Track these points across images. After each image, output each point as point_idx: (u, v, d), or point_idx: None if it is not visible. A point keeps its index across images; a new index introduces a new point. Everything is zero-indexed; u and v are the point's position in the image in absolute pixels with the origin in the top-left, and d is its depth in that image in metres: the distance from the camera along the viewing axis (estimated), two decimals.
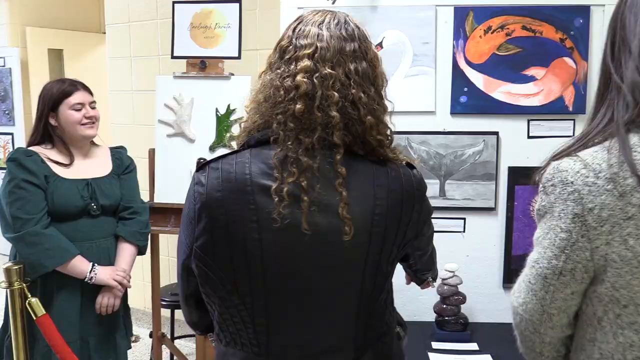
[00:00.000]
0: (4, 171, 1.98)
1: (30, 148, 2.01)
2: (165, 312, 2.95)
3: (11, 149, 5.23)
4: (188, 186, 1.06)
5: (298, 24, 1.06)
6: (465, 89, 2.12)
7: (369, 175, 1.02)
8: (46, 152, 2.01)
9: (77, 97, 2.03)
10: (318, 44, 1.00)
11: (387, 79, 1.10)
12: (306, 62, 0.99)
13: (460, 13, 2.10)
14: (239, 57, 2.48)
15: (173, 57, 2.55)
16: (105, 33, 3.83)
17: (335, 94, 0.98)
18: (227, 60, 2.49)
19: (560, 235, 0.88)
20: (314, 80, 0.99)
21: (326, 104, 0.98)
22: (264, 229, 0.99)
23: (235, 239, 1.00)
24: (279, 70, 1.03)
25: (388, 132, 1.07)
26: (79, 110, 2.03)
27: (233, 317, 1.05)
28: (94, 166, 2.10)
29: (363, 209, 1.00)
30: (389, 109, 1.09)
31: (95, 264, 2.00)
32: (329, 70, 0.99)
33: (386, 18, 2.14)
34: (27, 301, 1.86)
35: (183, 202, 2.71)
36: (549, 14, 2.07)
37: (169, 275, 3.50)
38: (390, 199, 1.02)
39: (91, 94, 2.10)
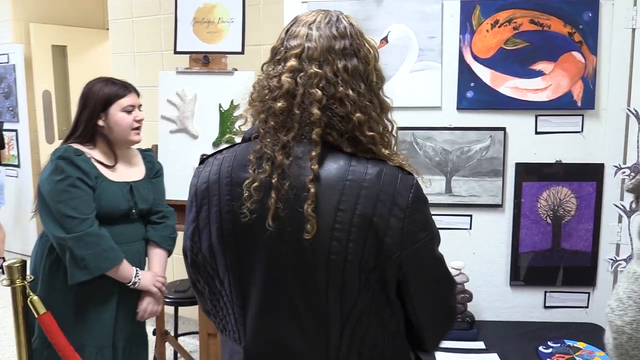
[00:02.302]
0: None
1: (75, 147, 1.93)
2: (169, 310, 2.94)
3: (15, 146, 5.23)
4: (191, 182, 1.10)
5: (291, 25, 1.08)
6: (472, 84, 2.09)
7: (343, 170, 0.98)
8: (90, 152, 1.95)
9: (129, 99, 1.99)
10: (306, 44, 1.01)
11: (383, 76, 1.08)
12: (292, 62, 1.01)
13: (467, 7, 2.07)
14: (242, 52, 2.46)
15: (176, 52, 2.53)
16: (108, 29, 3.81)
17: (318, 91, 0.99)
18: (231, 56, 2.47)
19: None
20: (297, 79, 1.00)
21: (308, 101, 0.99)
22: (236, 221, 1.02)
23: (214, 227, 1.05)
24: (268, 71, 1.06)
25: (381, 129, 1.05)
26: (130, 112, 1.98)
27: (219, 302, 1.10)
28: (133, 169, 2.07)
29: (328, 204, 0.97)
30: (389, 106, 1.07)
31: (139, 269, 1.98)
32: (315, 69, 1.00)
33: (391, 12, 2.11)
34: (28, 299, 1.84)
35: (186, 199, 2.70)
36: (557, 8, 2.04)
37: (173, 272, 3.49)
38: (361, 196, 0.96)
39: (139, 95, 2.06)
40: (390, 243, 0.97)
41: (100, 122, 1.95)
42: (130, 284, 1.95)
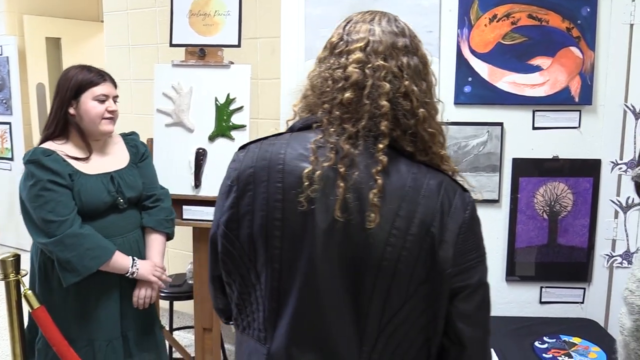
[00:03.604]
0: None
1: (45, 147, 1.88)
2: (163, 304, 2.93)
3: (9, 139, 5.19)
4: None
5: (347, 22, 1.07)
6: (470, 79, 2.08)
7: (404, 176, 0.97)
8: (62, 149, 1.89)
9: (103, 88, 1.92)
10: (370, 38, 1.01)
11: (436, 78, 1.08)
12: (358, 54, 1.00)
13: (465, 1, 2.06)
14: (238, 45, 2.43)
15: (171, 45, 2.50)
16: (103, 21, 3.78)
17: (387, 84, 0.97)
18: (227, 49, 2.45)
19: None
20: (366, 70, 0.99)
21: (376, 93, 0.97)
22: (287, 211, 0.98)
23: (259, 215, 1.01)
24: (328, 63, 1.03)
25: (437, 128, 1.04)
26: (103, 102, 1.91)
27: (250, 297, 1.05)
28: (112, 158, 2.01)
29: (388, 209, 0.94)
30: (438, 110, 1.07)
31: (136, 258, 1.95)
32: (381, 62, 0.99)
33: (389, 6, 2.07)
34: (23, 293, 1.83)
35: (181, 192, 2.69)
36: (555, 3, 2.03)
37: (168, 266, 3.48)
38: (420, 205, 0.95)
39: (116, 86, 2.00)
40: (444, 257, 0.95)
41: (71, 110, 1.89)
42: (129, 274, 1.92)
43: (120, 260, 1.90)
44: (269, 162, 1.01)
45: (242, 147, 1.09)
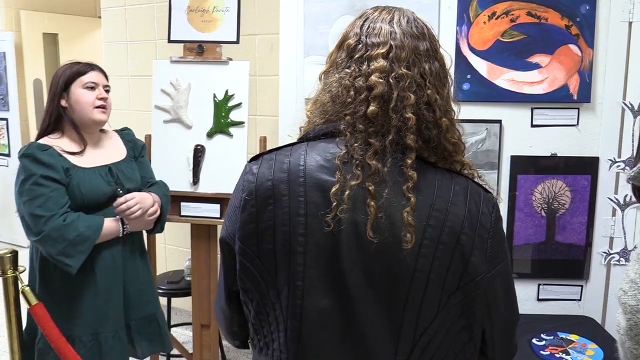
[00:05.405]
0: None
1: (41, 142, 1.89)
2: (161, 301, 2.93)
3: (6, 135, 5.18)
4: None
5: (364, 21, 1.01)
6: (469, 76, 2.08)
7: (432, 185, 0.94)
8: (58, 143, 1.89)
9: (91, 76, 1.94)
10: (392, 43, 0.96)
11: (453, 80, 1.05)
12: (381, 62, 0.95)
13: None
14: (237, 42, 2.43)
15: (170, 41, 2.50)
16: (100, 17, 3.76)
17: (412, 95, 0.94)
18: (225, 45, 2.44)
19: None
20: (390, 80, 0.94)
21: (401, 105, 0.93)
22: (311, 226, 0.94)
23: (280, 230, 0.96)
24: (348, 70, 0.97)
25: (457, 135, 1.01)
26: (92, 89, 1.92)
27: (268, 317, 1.00)
28: (109, 152, 2.02)
29: (418, 219, 0.91)
30: (456, 113, 1.03)
31: (124, 219, 1.95)
32: (405, 71, 0.94)
33: (388, 3, 2.07)
34: (21, 290, 1.83)
35: (179, 189, 2.68)
36: (554, 0, 2.03)
37: (165, 263, 3.48)
38: (450, 213, 0.92)
39: (106, 77, 2.02)
40: (476, 264, 0.93)
41: (63, 102, 1.91)
42: (122, 234, 1.93)
43: (110, 229, 1.90)
44: (288, 174, 0.96)
45: (254, 159, 1.03)
